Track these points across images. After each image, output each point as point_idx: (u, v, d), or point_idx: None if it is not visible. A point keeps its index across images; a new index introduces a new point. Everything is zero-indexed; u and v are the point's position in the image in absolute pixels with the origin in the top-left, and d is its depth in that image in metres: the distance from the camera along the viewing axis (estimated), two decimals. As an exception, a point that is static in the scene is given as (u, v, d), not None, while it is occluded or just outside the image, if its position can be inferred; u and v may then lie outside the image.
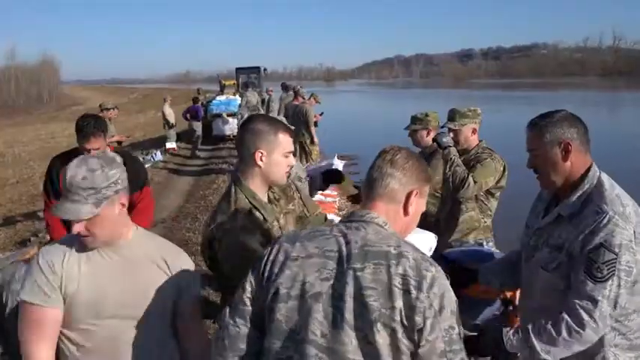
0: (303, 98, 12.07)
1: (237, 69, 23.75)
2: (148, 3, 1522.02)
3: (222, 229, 2.18)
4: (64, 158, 3.68)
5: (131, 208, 3.68)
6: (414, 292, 1.46)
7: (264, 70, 23.67)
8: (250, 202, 2.25)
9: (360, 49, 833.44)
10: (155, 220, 7.20)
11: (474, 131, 4.02)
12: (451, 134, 3.96)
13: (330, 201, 7.61)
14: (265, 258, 1.64)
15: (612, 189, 2.08)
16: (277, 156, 2.26)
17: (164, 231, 7.91)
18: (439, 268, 1.55)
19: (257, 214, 2.25)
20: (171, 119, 17.05)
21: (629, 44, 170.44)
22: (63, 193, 1.90)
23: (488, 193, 3.94)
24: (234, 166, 10.64)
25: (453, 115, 4.00)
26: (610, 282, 1.94)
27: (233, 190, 2.28)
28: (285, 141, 2.28)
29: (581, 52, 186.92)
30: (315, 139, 11.33)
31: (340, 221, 1.72)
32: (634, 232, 1.99)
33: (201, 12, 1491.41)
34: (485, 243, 3.98)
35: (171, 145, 17.42)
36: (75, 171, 1.89)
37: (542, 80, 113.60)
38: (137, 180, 3.84)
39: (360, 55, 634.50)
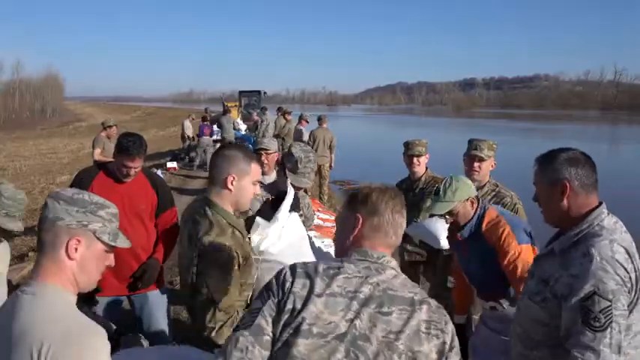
0: (307, 122, 12.17)
1: (240, 92, 26.07)
2: (153, 22, 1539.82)
3: (210, 246, 2.33)
4: (96, 173, 3.68)
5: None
6: (440, 336, 1.55)
7: (264, 93, 26.01)
8: (228, 222, 2.42)
9: (363, 74, 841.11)
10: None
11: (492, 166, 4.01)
12: (476, 165, 3.92)
13: (329, 226, 7.55)
14: (287, 288, 1.59)
15: (611, 234, 2.06)
16: (247, 183, 2.46)
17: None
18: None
19: (237, 232, 2.44)
20: (190, 133, 19.74)
21: (630, 79, 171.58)
22: None
23: None
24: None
25: (480, 145, 3.95)
26: (609, 330, 1.90)
27: (209, 212, 2.43)
28: (255, 170, 2.50)
29: (582, 84, 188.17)
30: (333, 164, 11.49)
31: (352, 259, 1.68)
32: (622, 278, 1.96)
33: (206, 32, 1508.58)
34: None
35: (171, 164, 17.49)
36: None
37: (543, 112, 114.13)
38: (170, 199, 3.96)
39: (363, 81, 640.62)
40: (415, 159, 4.62)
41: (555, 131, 48.83)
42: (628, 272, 1.98)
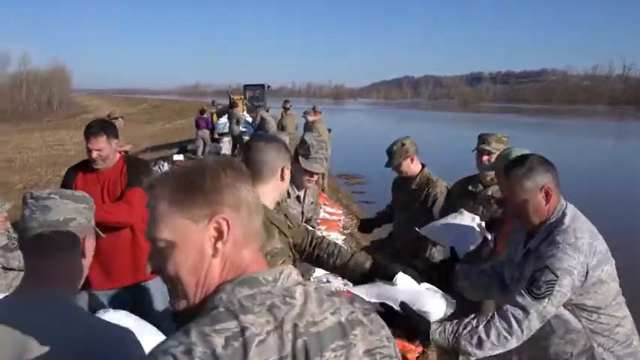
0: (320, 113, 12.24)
1: (245, 85, 26.59)
2: (159, 15, 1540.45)
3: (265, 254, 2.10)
4: (80, 167, 3.71)
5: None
6: None
7: (268, 87, 26.87)
8: (272, 222, 2.18)
9: (370, 68, 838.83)
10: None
11: None
12: (485, 159, 3.81)
13: (335, 219, 7.56)
14: None
15: (572, 222, 2.19)
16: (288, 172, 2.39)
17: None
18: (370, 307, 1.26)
19: (281, 235, 2.23)
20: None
21: (638, 73, 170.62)
22: None
23: None
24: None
25: (488, 139, 3.84)
26: (546, 300, 2.06)
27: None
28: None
29: (590, 79, 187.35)
30: None
31: (244, 305, 1.05)
32: (587, 264, 2.10)
33: (213, 26, 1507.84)
34: None
35: (178, 157, 17.53)
36: None
37: (550, 106, 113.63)
38: (139, 180, 3.77)
39: (369, 74, 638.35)
40: (395, 168, 4.35)
41: (563, 126, 48.63)
42: (593, 254, 2.12)
